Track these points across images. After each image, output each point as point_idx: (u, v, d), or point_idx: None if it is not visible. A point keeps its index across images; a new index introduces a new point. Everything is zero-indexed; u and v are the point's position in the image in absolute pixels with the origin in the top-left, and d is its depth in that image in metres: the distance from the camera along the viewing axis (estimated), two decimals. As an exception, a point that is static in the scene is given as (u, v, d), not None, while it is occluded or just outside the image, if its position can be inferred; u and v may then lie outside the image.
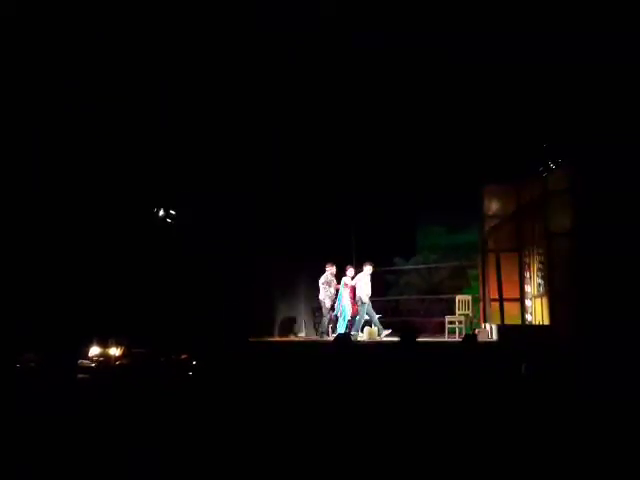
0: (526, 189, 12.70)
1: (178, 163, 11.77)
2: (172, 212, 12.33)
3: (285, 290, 14.30)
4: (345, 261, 13.64)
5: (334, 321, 13.20)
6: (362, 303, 12.68)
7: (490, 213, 13.68)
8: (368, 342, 12.35)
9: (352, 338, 11.67)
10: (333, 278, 13.18)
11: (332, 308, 13.14)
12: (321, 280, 13.14)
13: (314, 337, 13.76)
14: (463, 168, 12.80)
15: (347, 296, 12.93)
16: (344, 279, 13.03)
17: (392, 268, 16.54)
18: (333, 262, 13.23)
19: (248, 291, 12.85)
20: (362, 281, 12.79)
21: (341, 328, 12.80)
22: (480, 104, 11.46)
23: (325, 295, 13.07)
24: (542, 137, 11.30)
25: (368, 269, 12.88)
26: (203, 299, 11.84)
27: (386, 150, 12.96)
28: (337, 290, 13.08)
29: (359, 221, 15.03)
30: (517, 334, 10.99)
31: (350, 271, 13.10)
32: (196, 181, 12.22)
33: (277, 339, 13.58)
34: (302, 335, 14.39)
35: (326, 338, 12.63)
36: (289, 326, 14.35)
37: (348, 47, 10.48)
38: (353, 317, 12.94)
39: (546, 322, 11.06)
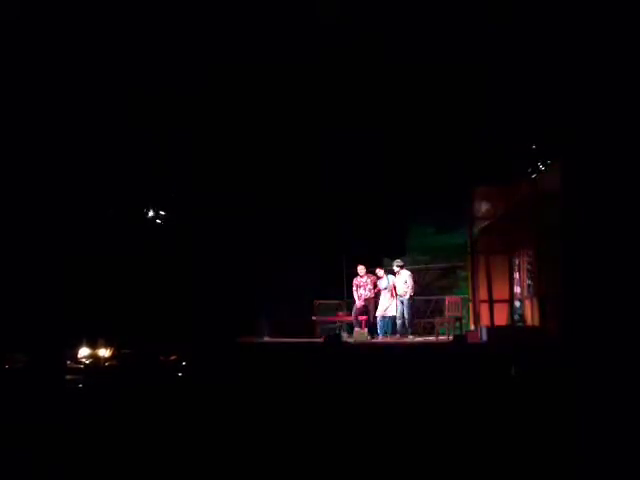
0: (516, 190, 12.72)
1: (169, 164, 11.74)
2: (162, 212, 12.29)
3: (274, 289, 14.24)
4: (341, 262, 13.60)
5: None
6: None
7: (480, 214, 13.69)
8: (357, 343, 12.33)
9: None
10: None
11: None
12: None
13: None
14: (453, 169, 12.83)
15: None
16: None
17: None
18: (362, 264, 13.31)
19: (237, 291, 12.82)
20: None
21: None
22: (471, 105, 11.49)
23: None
24: (532, 138, 11.34)
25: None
26: (192, 300, 11.80)
27: (377, 150, 12.97)
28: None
29: (349, 222, 15.01)
30: (507, 335, 11.02)
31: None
32: (187, 182, 12.19)
33: (267, 340, 13.54)
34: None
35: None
36: (281, 326, 14.27)
37: (347, 51, 10.52)
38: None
39: (536, 323, 11.09)
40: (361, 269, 13.22)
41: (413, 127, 12.34)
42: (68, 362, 8.94)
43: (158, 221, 12.31)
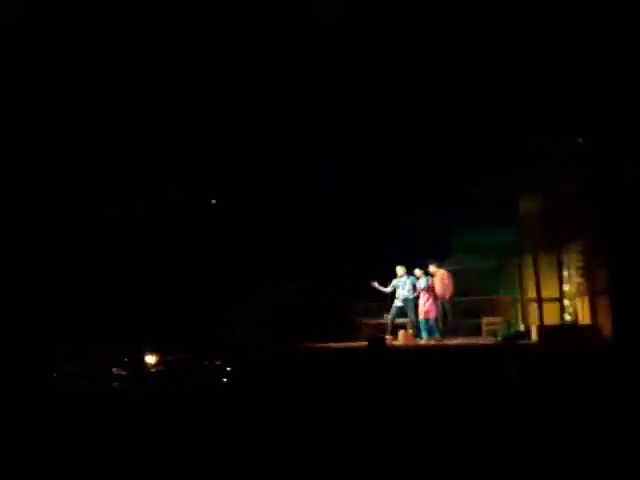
0: (563, 187, 12.39)
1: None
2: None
3: (316, 292, 14.14)
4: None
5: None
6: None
7: (527, 212, 13.39)
8: (403, 346, 12.17)
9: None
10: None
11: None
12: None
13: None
14: (498, 167, 12.59)
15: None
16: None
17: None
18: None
19: (280, 296, 12.79)
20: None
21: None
22: (515, 106, 11.26)
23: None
24: (578, 133, 11.05)
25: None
26: (237, 306, 11.83)
27: (419, 150, 12.81)
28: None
29: (392, 223, 14.86)
30: (557, 335, 10.72)
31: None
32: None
33: (312, 344, 13.46)
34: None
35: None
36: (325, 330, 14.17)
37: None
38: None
39: (587, 322, 10.77)
40: (400, 269, 12.98)
41: (459, 125, 12.12)
42: (114, 369, 9.03)
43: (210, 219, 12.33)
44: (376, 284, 12.95)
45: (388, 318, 13.03)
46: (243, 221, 12.43)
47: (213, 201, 12.71)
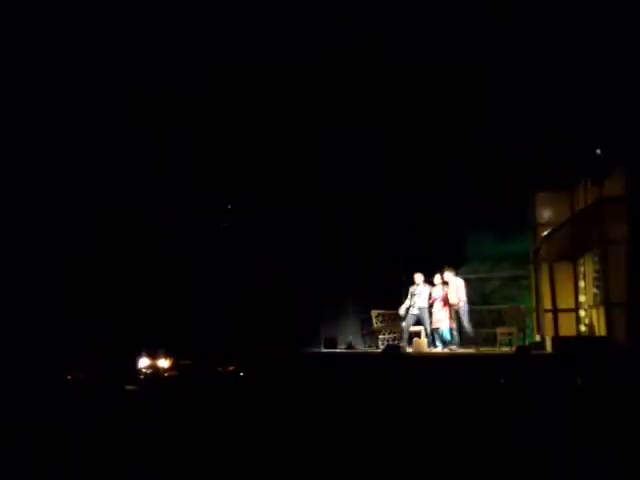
0: (580, 196, 12.32)
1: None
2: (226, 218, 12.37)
3: (331, 303, 14.13)
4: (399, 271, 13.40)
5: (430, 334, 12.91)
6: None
7: (542, 221, 13.32)
8: (417, 354, 12.13)
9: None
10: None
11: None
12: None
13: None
14: (514, 174, 12.52)
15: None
16: None
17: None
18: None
19: (293, 304, 12.79)
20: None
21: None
22: (531, 108, 11.19)
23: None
24: (596, 142, 10.96)
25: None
26: (251, 312, 11.85)
27: (432, 157, 12.78)
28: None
29: (406, 231, 14.82)
30: (573, 346, 10.62)
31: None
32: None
33: (326, 351, 13.46)
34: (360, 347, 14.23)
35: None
36: (335, 340, 14.16)
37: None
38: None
39: (603, 333, 10.66)
40: (418, 277, 12.93)
41: (473, 132, 12.07)
42: (128, 373, 9.09)
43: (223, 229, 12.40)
44: (402, 310, 12.92)
45: (404, 326, 12.99)
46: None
47: (229, 206, 12.76)
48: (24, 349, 9.10)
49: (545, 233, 13.10)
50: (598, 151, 10.97)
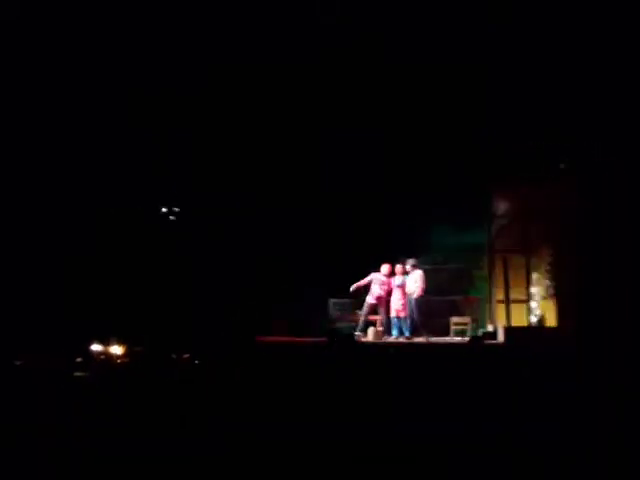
0: (535, 190, 12.54)
1: (182, 161, 11.75)
2: (175, 209, 12.30)
3: (288, 288, 14.10)
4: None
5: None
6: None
7: (498, 213, 13.53)
8: (371, 343, 12.21)
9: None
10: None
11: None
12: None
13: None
14: (471, 168, 12.69)
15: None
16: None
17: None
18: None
19: (252, 290, 12.76)
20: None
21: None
22: (489, 103, 11.34)
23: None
24: (550, 138, 11.16)
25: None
26: (206, 298, 11.78)
27: (391, 149, 12.85)
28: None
29: (364, 221, 14.86)
30: (524, 336, 10.85)
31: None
32: (203, 179, 12.19)
33: (283, 339, 13.43)
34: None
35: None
36: (300, 327, 14.12)
37: (347, 51, 10.46)
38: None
39: (553, 324, 10.92)
40: (385, 267, 12.96)
41: (433, 126, 12.18)
42: (79, 359, 8.94)
43: (171, 217, 12.31)
44: (354, 287, 12.94)
45: (360, 314, 13.05)
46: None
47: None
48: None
49: (500, 225, 13.32)
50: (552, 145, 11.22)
